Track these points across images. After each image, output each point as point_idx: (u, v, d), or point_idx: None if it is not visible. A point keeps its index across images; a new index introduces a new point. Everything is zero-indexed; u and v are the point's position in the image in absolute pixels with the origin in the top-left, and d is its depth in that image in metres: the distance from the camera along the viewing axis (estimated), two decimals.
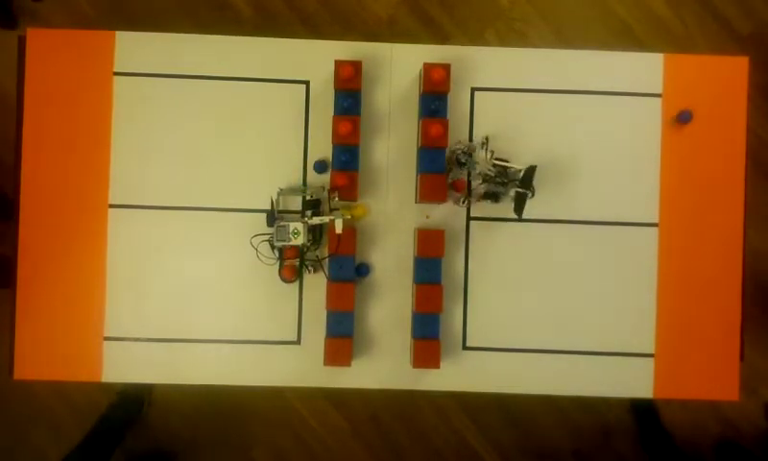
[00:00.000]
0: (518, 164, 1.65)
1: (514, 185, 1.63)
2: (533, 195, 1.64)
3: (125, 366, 1.72)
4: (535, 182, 1.63)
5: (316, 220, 1.62)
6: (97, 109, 1.73)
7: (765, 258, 2.63)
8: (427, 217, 1.75)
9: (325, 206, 1.65)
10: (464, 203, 1.70)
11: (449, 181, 1.69)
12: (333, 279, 1.65)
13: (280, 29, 2.65)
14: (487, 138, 1.68)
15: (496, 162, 1.65)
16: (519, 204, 1.63)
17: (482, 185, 1.66)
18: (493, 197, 1.67)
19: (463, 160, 1.64)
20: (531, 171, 1.62)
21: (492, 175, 1.64)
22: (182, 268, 1.73)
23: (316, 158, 1.73)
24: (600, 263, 1.75)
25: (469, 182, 1.70)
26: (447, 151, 1.67)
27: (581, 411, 2.60)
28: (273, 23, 2.66)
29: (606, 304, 1.75)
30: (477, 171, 1.65)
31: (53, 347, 1.72)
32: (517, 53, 1.82)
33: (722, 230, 1.77)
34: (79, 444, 2.18)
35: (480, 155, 1.66)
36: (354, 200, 1.70)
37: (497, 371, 1.74)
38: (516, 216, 1.64)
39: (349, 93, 1.67)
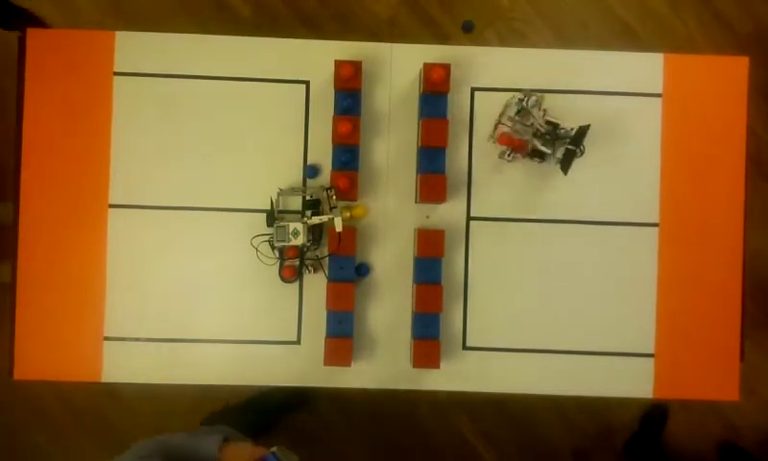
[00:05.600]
0: (571, 124, 1.63)
1: (562, 144, 1.61)
2: (582, 154, 1.62)
3: (125, 366, 1.72)
4: (585, 142, 1.62)
5: (315, 220, 1.62)
6: (97, 109, 1.73)
7: (765, 258, 2.63)
8: (427, 217, 1.75)
9: (325, 206, 1.65)
10: (509, 156, 1.67)
11: (494, 133, 1.68)
12: (333, 279, 1.65)
13: (280, 29, 2.65)
14: (542, 96, 1.66)
15: (549, 120, 1.63)
16: (567, 161, 1.61)
17: (532, 140, 1.63)
18: (540, 156, 1.64)
19: (519, 108, 1.61)
20: (584, 129, 1.61)
21: (543, 131, 1.62)
22: (182, 268, 1.73)
23: (311, 162, 1.73)
24: (600, 263, 1.75)
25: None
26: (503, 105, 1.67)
27: (581, 411, 2.60)
28: (273, 23, 2.66)
29: (606, 304, 1.75)
30: (530, 122, 1.62)
31: (53, 347, 1.72)
32: (517, 53, 1.82)
33: (722, 230, 1.77)
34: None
35: (535, 114, 1.63)
36: (354, 200, 1.70)
37: (497, 371, 1.74)
38: (562, 173, 1.63)
39: (349, 93, 1.67)
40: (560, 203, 1.75)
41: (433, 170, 1.66)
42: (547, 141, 1.63)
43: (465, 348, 1.74)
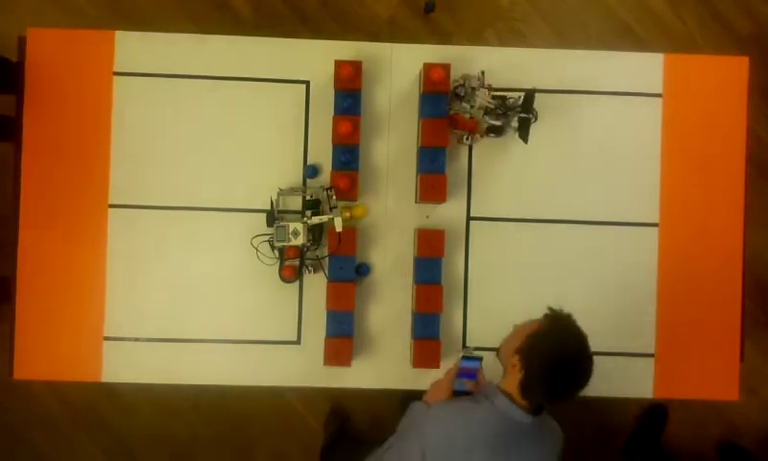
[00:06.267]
0: (517, 94, 1.63)
1: (515, 114, 1.61)
2: (536, 119, 1.62)
3: (125, 366, 1.72)
4: (535, 106, 1.61)
5: (315, 220, 1.62)
6: (97, 109, 1.73)
7: (765, 258, 2.62)
8: (427, 217, 1.75)
9: (325, 206, 1.65)
10: (467, 140, 1.67)
11: (450, 120, 1.67)
12: (333, 278, 1.65)
13: (280, 29, 2.64)
14: (483, 73, 1.64)
15: (495, 94, 1.63)
16: (524, 128, 1.61)
17: (484, 118, 1.63)
18: (496, 130, 1.64)
19: (462, 93, 1.62)
20: (530, 95, 1.60)
21: (493, 106, 1.61)
22: (182, 268, 1.73)
23: (311, 162, 1.73)
24: (600, 263, 1.75)
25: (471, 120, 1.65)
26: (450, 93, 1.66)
27: (581, 411, 2.59)
28: (273, 23, 2.65)
29: (606, 304, 1.75)
30: (477, 104, 1.62)
31: (53, 347, 1.72)
32: (517, 53, 1.82)
33: (722, 230, 1.77)
34: None
35: (479, 93, 1.63)
36: (354, 200, 1.70)
37: (497, 371, 1.74)
38: (522, 141, 1.63)
39: (349, 93, 1.67)
40: (560, 203, 1.75)
41: (433, 170, 1.66)
42: (499, 115, 1.62)
43: (465, 348, 1.74)
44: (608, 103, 1.76)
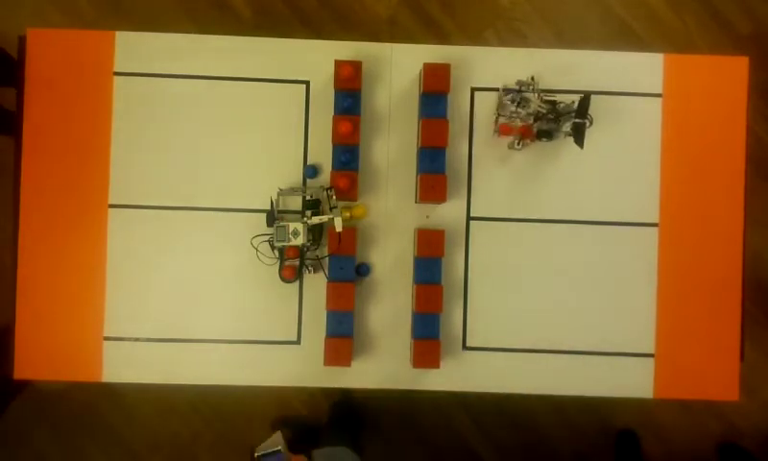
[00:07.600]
0: (568, 99, 1.66)
1: (567, 119, 1.64)
2: (591, 124, 1.64)
3: (125, 366, 1.72)
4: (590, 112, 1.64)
5: (315, 220, 1.62)
6: (97, 108, 1.73)
7: (765, 258, 2.63)
8: (427, 217, 1.75)
9: (325, 206, 1.65)
10: (519, 144, 1.68)
11: (496, 127, 1.71)
12: (333, 278, 1.65)
13: (280, 29, 2.65)
14: (533, 78, 1.66)
15: (546, 98, 1.65)
16: (579, 134, 1.63)
17: (535, 124, 1.66)
18: (547, 135, 1.66)
19: (518, 100, 1.65)
20: (586, 100, 1.62)
21: (545, 111, 1.64)
22: (182, 268, 1.73)
23: (311, 162, 1.73)
24: (600, 263, 1.75)
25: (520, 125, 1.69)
26: (497, 96, 1.69)
27: (581, 411, 2.60)
28: (273, 23, 2.66)
29: (606, 304, 1.75)
30: (530, 110, 1.64)
31: (53, 347, 1.72)
32: (517, 53, 1.81)
33: (722, 230, 1.77)
34: None
35: (531, 98, 1.66)
36: (354, 200, 1.70)
37: (497, 371, 1.74)
38: (578, 147, 1.64)
39: (349, 93, 1.67)
40: (560, 203, 1.75)
41: (433, 170, 1.66)
42: (550, 120, 1.65)
43: (465, 348, 1.74)
44: (607, 103, 1.76)
